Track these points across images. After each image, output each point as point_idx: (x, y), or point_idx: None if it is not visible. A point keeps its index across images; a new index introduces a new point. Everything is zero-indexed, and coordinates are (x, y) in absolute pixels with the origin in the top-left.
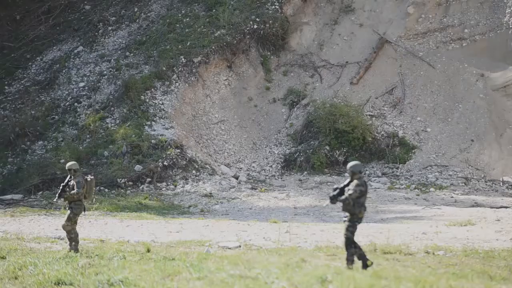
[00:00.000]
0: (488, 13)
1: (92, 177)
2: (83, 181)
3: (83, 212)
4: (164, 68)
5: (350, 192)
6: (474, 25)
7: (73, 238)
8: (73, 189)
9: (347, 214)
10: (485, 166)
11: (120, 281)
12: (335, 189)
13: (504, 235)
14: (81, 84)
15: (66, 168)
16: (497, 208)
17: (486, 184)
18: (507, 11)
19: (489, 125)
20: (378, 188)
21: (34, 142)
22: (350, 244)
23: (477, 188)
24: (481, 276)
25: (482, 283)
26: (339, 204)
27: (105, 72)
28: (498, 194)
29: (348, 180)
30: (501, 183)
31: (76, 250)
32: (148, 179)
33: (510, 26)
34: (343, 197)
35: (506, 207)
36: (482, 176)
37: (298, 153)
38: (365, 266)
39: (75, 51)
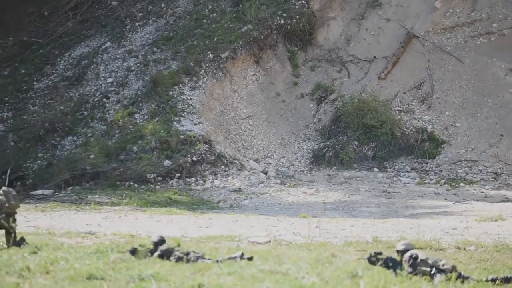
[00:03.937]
0: None
1: None
2: None
3: None
4: (191, 64)
5: None
6: (502, 19)
7: None
8: None
9: None
10: None
11: (151, 276)
12: None
13: None
14: (109, 80)
15: None
16: None
17: None
18: None
19: None
20: (408, 183)
21: (64, 138)
22: None
23: (508, 183)
24: None
25: None
26: (368, 199)
27: (133, 67)
28: None
29: None
30: None
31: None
32: (177, 175)
33: None
34: None
35: None
36: None
37: (326, 148)
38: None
39: (103, 47)
